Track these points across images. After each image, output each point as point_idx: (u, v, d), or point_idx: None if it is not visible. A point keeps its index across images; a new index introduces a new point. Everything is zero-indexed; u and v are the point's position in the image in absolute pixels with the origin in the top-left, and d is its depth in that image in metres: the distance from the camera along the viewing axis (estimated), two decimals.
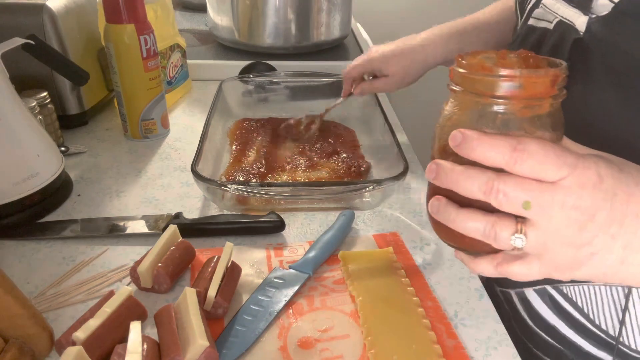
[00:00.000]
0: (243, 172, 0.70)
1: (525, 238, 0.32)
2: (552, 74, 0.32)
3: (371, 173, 0.72)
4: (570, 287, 0.49)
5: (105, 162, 0.76)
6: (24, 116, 0.61)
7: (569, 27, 0.46)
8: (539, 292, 0.52)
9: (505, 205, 0.32)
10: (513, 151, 0.31)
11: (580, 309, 0.48)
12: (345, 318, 0.48)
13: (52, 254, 0.56)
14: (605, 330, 0.47)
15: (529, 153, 0.30)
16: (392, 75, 0.75)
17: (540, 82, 0.32)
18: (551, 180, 0.31)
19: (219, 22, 1.13)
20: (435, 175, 0.34)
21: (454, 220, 0.34)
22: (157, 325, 0.45)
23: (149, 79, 0.78)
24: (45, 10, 0.75)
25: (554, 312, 0.51)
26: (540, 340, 0.53)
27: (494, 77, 0.32)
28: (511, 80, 0.32)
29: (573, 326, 0.50)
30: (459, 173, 0.33)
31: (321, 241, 0.56)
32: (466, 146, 0.32)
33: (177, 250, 0.53)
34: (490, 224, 0.33)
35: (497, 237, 0.32)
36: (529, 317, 0.54)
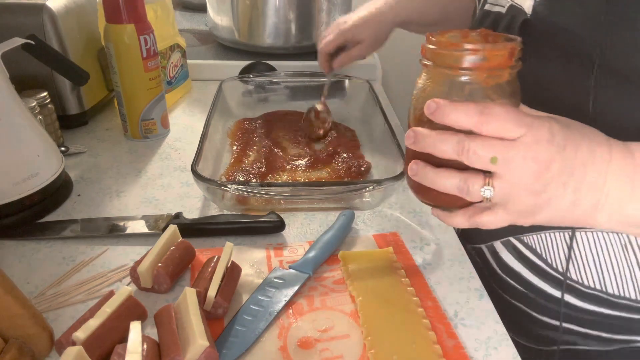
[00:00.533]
0: (243, 172, 0.70)
1: (493, 189, 0.38)
2: (510, 47, 0.38)
3: (371, 173, 0.72)
4: (529, 236, 0.55)
5: (105, 162, 0.76)
6: (24, 116, 0.61)
7: (518, 10, 0.52)
8: (504, 244, 0.58)
9: (475, 162, 0.37)
10: (480, 115, 0.36)
11: (539, 254, 0.55)
12: (345, 318, 0.48)
13: (52, 254, 0.56)
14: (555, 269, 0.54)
15: (494, 116, 0.36)
16: (364, 40, 0.77)
17: (501, 54, 0.37)
18: (512, 138, 0.36)
19: (219, 22, 1.13)
20: (414, 140, 0.39)
21: (432, 179, 0.39)
22: (157, 325, 0.45)
23: (149, 79, 0.78)
24: (45, 10, 0.75)
25: (518, 260, 0.57)
26: (508, 286, 0.59)
27: (462, 52, 0.37)
28: (476, 54, 0.37)
29: (533, 269, 0.56)
30: (435, 137, 0.38)
31: (321, 241, 0.56)
32: (440, 113, 0.37)
33: (177, 250, 0.53)
34: (463, 179, 0.38)
35: (469, 190, 0.38)
36: (498, 266, 0.59)
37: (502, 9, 0.55)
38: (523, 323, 0.59)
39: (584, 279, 0.52)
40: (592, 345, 0.55)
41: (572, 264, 0.52)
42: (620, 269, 0.50)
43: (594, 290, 0.52)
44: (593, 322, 0.54)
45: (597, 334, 0.54)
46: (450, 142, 0.37)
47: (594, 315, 0.53)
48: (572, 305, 0.54)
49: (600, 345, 0.54)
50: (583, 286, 0.52)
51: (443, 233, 0.61)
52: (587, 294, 0.52)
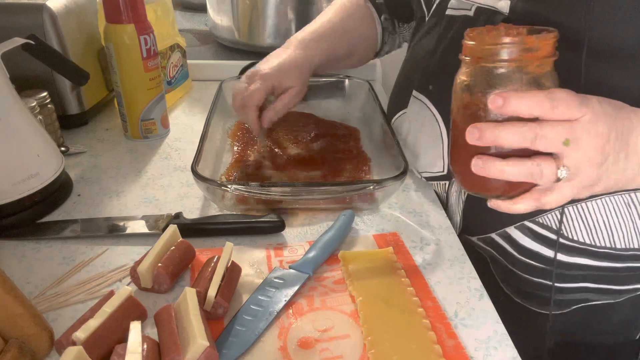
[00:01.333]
0: (243, 172, 0.70)
1: (568, 168, 0.39)
2: (553, 36, 0.40)
3: (371, 173, 0.72)
4: (544, 217, 0.58)
5: (105, 162, 0.76)
6: (24, 116, 0.61)
7: (492, 12, 0.55)
8: (519, 228, 0.60)
9: (549, 146, 0.39)
10: (550, 100, 0.38)
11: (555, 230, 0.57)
12: (345, 318, 0.48)
13: (52, 254, 0.56)
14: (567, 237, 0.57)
15: (559, 100, 0.38)
16: (294, 85, 0.71)
17: (549, 43, 0.40)
18: (576, 118, 0.39)
19: (219, 22, 1.13)
20: (479, 136, 0.39)
21: (502, 170, 0.40)
22: (157, 325, 0.45)
23: (149, 79, 0.78)
24: (45, 10, 0.75)
25: (534, 240, 0.59)
26: (524, 264, 0.61)
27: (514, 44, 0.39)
28: (531, 44, 0.39)
29: (551, 245, 0.58)
30: (502, 129, 0.39)
31: (321, 241, 0.56)
32: (510, 104, 0.38)
33: (177, 250, 0.53)
34: (535, 164, 0.39)
35: (543, 174, 0.39)
36: (514, 249, 0.61)
37: (469, 12, 0.57)
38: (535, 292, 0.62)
39: (595, 240, 0.56)
40: (604, 300, 0.59)
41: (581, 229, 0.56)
42: (627, 225, 0.55)
43: (604, 248, 0.56)
44: (604, 277, 0.58)
45: (609, 287, 0.58)
46: (522, 131, 0.38)
47: (605, 271, 0.57)
48: (583, 265, 0.58)
49: (612, 297, 0.59)
50: (595, 247, 0.56)
51: (443, 233, 0.61)
52: (599, 252, 0.57)
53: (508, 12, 0.54)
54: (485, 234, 0.64)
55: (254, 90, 0.69)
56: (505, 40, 0.39)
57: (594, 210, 0.55)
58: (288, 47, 0.75)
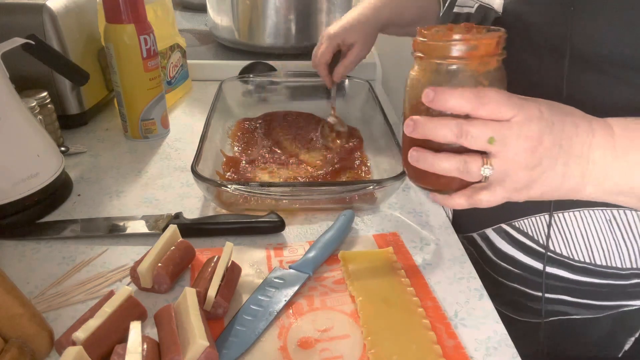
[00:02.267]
0: (241, 172, 0.70)
1: (492, 168, 0.40)
2: (498, 36, 0.41)
3: (371, 173, 0.72)
4: (519, 221, 0.58)
5: (105, 162, 0.76)
6: (24, 116, 0.61)
7: (488, 10, 0.55)
8: (496, 231, 0.60)
9: (474, 143, 0.39)
10: (476, 98, 0.39)
11: (530, 236, 0.57)
12: (345, 318, 0.48)
13: (52, 254, 0.56)
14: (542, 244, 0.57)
15: (488, 99, 0.39)
16: (356, 42, 0.79)
17: (490, 43, 0.40)
18: (506, 118, 0.39)
19: (219, 22, 1.13)
20: (413, 128, 0.41)
21: (432, 163, 0.41)
22: (157, 325, 0.45)
23: (149, 79, 0.78)
24: (45, 10, 0.75)
25: (509, 243, 0.59)
26: (501, 269, 0.61)
27: (454, 42, 0.40)
28: (468, 43, 0.40)
29: (525, 251, 0.58)
30: (434, 123, 0.40)
31: (321, 241, 0.56)
32: (439, 100, 0.39)
33: (177, 250, 0.53)
34: (462, 161, 0.40)
35: (469, 170, 0.40)
36: (491, 252, 0.62)
37: (471, 10, 0.58)
38: (514, 298, 0.62)
39: (574, 254, 0.55)
40: (583, 314, 0.58)
41: (560, 241, 0.55)
42: (607, 242, 0.54)
43: (583, 263, 0.55)
44: (583, 292, 0.57)
45: (588, 302, 0.57)
46: (449, 126, 0.39)
47: (584, 285, 0.56)
48: (562, 278, 0.57)
49: (591, 312, 0.57)
50: (573, 260, 0.55)
51: (443, 233, 0.61)
52: (576, 266, 0.56)
53: (501, 12, 0.54)
54: (469, 233, 0.65)
55: (321, 50, 0.80)
56: (445, 37, 0.41)
57: (572, 223, 0.54)
58: (362, 3, 0.82)
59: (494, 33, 0.41)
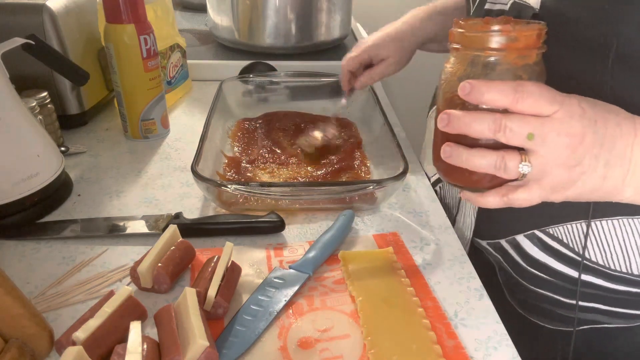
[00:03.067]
0: (241, 171, 0.70)
1: (530, 165, 0.38)
2: (538, 28, 0.39)
3: (371, 173, 0.72)
4: (556, 228, 0.56)
5: (105, 162, 0.76)
6: (24, 116, 0.61)
7: (524, 6, 0.53)
8: (528, 237, 0.58)
9: (512, 139, 0.38)
10: (515, 92, 0.37)
11: (565, 243, 0.56)
12: (345, 318, 0.48)
13: (52, 254, 0.56)
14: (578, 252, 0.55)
15: (528, 93, 0.37)
16: (388, 57, 0.77)
17: (530, 35, 0.39)
18: (546, 114, 0.38)
19: (219, 22, 1.13)
20: (447, 122, 0.39)
21: (467, 159, 0.39)
22: (157, 325, 0.45)
23: (149, 79, 0.78)
24: (45, 10, 0.75)
25: (543, 251, 0.58)
26: (532, 276, 0.60)
27: (493, 33, 0.39)
28: (507, 34, 0.38)
29: (560, 258, 0.57)
30: (470, 117, 0.38)
31: (321, 241, 0.56)
32: (476, 93, 0.38)
33: (177, 250, 0.53)
34: (500, 157, 0.38)
35: (506, 167, 0.38)
36: (521, 258, 0.60)
37: (505, 6, 0.56)
38: (544, 306, 0.60)
39: (610, 263, 0.54)
40: (616, 323, 0.57)
41: (596, 249, 0.54)
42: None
43: (620, 272, 0.54)
44: (618, 300, 0.56)
45: (622, 310, 0.56)
46: (486, 121, 0.38)
47: (619, 294, 0.55)
48: (597, 286, 0.55)
49: (625, 321, 0.57)
50: (609, 269, 0.54)
51: (443, 233, 0.61)
52: (613, 275, 0.54)
53: (539, 8, 0.51)
54: (495, 239, 0.63)
55: (349, 57, 0.79)
56: (484, 28, 0.39)
57: (610, 232, 0.53)
58: (402, 18, 0.80)
59: (534, 25, 0.40)
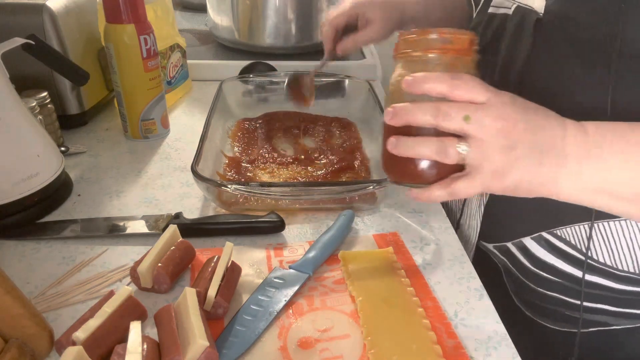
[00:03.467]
0: (241, 171, 0.70)
1: (468, 146, 0.41)
2: (470, 35, 0.44)
3: (371, 173, 0.72)
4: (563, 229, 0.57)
5: (105, 162, 0.76)
6: (24, 116, 0.61)
7: (528, 10, 0.54)
8: (535, 239, 0.59)
9: (450, 123, 0.41)
10: (452, 80, 0.41)
11: (572, 244, 0.56)
12: (345, 318, 0.48)
13: (52, 254, 0.56)
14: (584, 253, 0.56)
15: (463, 81, 0.41)
16: (375, 20, 0.74)
17: (463, 39, 0.44)
18: (481, 101, 0.41)
19: (219, 22, 1.13)
20: (393, 115, 0.43)
21: (411, 147, 0.42)
22: (157, 325, 0.45)
23: (149, 79, 0.78)
24: (45, 10, 0.75)
25: (550, 252, 0.58)
26: (539, 277, 0.60)
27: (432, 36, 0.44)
28: (444, 36, 0.43)
29: (566, 258, 0.57)
30: (413, 107, 0.42)
31: (321, 241, 0.56)
32: (417, 82, 0.42)
33: (177, 250, 0.53)
34: (440, 142, 0.41)
35: (446, 151, 0.41)
36: (528, 260, 0.61)
37: (509, 11, 0.57)
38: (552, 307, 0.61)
39: (617, 263, 0.54)
40: (623, 324, 0.57)
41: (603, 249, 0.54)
42: None
43: (627, 272, 0.54)
44: (625, 301, 0.56)
45: (630, 311, 0.57)
46: (427, 109, 0.41)
47: (626, 295, 0.56)
48: (604, 287, 0.56)
49: (632, 322, 0.57)
50: (617, 270, 0.55)
51: (443, 233, 0.61)
52: (620, 276, 0.55)
53: (543, 12, 0.53)
54: (502, 242, 0.63)
55: (337, 13, 0.75)
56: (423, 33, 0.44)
57: (617, 232, 0.53)
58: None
59: (467, 31, 0.44)
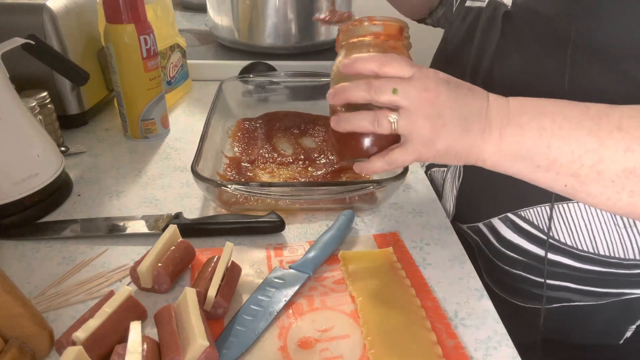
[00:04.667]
0: (242, 171, 0.70)
1: (397, 115, 0.46)
2: (400, 23, 0.52)
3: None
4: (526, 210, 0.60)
5: (105, 162, 0.76)
6: (24, 116, 0.61)
7: (499, 4, 0.59)
8: (502, 220, 0.62)
9: (381, 95, 0.46)
10: (381, 58, 0.47)
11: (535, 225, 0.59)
12: (345, 318, 0.48)
13: (52, 254, 0.56)
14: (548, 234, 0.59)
15: (391, 59, 0.47)
16: None
17: (392, 26, 0.52)
18: (407, 76, 0.46)
19: (219, 22, 1.13)
20: (333, 95, 0.49)
21: (350, 120, 0.48)
22: (157, 325, 0.45)
23: (149, 79, 0.78)
24: (45, 10, 0.75)
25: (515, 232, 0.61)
26: (506, 257, 0.63)
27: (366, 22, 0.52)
28: (374, 23, 0.51)
29: (529, 238, 0.60)
30: (349, 86, 0.48)
31: (321, 241, 0.56)
32: (353, 63, 0.48)
33: (177, 250, 0.53)
34: (374, 114, 0.47)
35: (380, 122, 0.46)
36: (496, 240, 0.64)
37: (483, 4, 0.62)
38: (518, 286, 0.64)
39: (577, 243, 0.57)
40: (586, 301, 0.60)
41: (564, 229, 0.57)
42: (611, 233, 0.55)
43: (587, 252, 0.57)
44: (586, 279, 0.58)
45: (591, 289, 0.59)
46: (361, 85, 0.47)
47: (587, 273, 0.58)
48: (566, 265, 0.59)
49: (594, 299, 0.59)
50: (577, 249, 0.57)
51: (443, 233, 0.61)
52: (580, 255, 0.57)
53: (511, 5, 0.57)
54: (474, 223, 0.65)
55: None
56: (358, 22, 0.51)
57: (577, 213, 0.56)
58: None
59: (398, 19, 0.52)
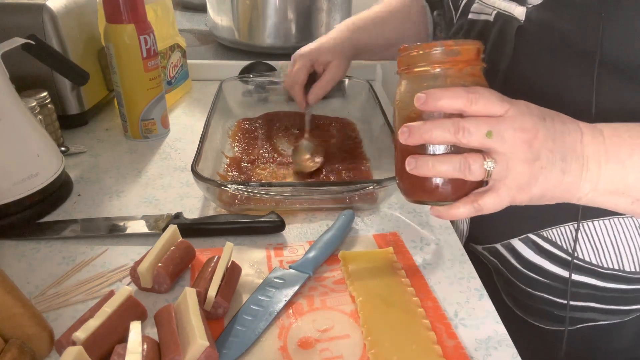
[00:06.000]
0: (242, 171, 0.70)
1: (494, 162, 0.39)
2: (477, 44, 0.42)
3: (371, 173, 0.72)
4: (549, 231, 0.57)
5: (105, 162, 0.76)
6: (24, 116, 0.61)
7: (509, 17, 0.55)
8: (523, 241, 0.60)
9: (472, 139, 0.39)
10: (468, 94, 0.39)
11: (559, 245, 0.57)
12: (345, 318, 0.48)
13: (52, 254, 0.56)
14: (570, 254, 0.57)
15: (479, 94, 0.39)
16: (331, 64, 0.75)
17: (470, 49, 0.42)
18: (499, 114, 0.40)
19: (219, 22, 1.13)
20: (409, 134, 0.40)
21: (432, 167, 0.40)
22: (157, 325, 0.45)
23: (149, 79, 0.78)
24: (45, 10, 0.75)
25: (537, 253, 0.59)
26: (528, 278, 0.61)
27: (439, 49, 0.41)
28: (451, 48, 0.41)
29: (552, 259, 0.58)
30: (429, 125, 0.40)
31: (321, 241, 0.56)
32: (431, 99, 0.39)
33: (177, 250, 0.53)
34: (463, 159, 0.40)
35: (471, 168, 0.39)
36: (517, 261, 0.61)
37: (490, 17, 0.58)
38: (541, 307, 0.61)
39: (603, 261, 0.55)
40: (611, 320, 0.58)
41: (588, 248, 0.55)
42: (636, 247, 0.54)
43: (612, 270, 0.55)
44: (611, 298, 0.57)
45: (617, 307, 0.58)
46: (445, 126, 0.39)
47: (612, 292, 0.57)
48: (590, 285, 0.57)
49: (619, 317, 0.58)
50: (602, 268, 0.55)
51: (443, 233, 0.61)
52: (605, 274, 0.56)
53: (524, 19, 0.53)
54: (491, 244, 0.63)
55: (295, 70, 0.75)
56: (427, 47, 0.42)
57: (602, 231, 0.54)
58: (335, 29, 0.80)
59: (474, 41, 0.43)
